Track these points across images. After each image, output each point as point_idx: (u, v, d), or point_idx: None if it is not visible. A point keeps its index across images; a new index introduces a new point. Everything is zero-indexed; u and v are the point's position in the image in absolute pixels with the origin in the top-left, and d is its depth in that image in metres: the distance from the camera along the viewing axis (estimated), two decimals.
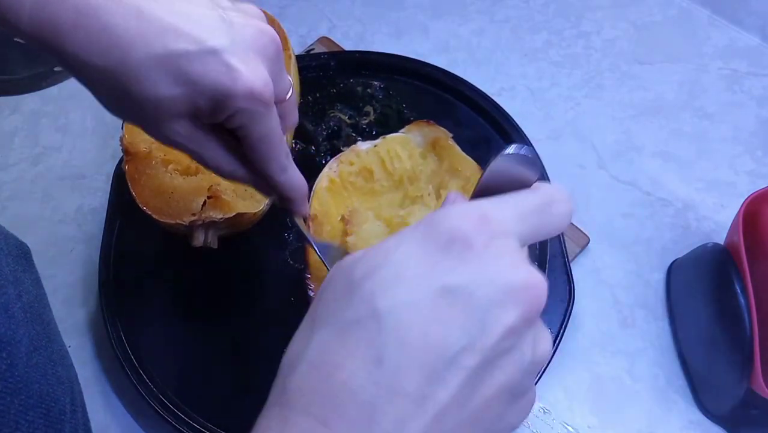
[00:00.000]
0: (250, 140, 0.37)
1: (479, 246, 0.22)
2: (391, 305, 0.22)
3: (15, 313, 0.40)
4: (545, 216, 0.26)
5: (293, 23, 0.82)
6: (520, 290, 0.22)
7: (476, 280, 0.22)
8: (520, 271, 0.23)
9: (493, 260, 0.22)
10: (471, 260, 0.22)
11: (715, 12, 0.81)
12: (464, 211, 0.23)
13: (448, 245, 0.23)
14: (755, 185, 0.66)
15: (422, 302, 0.22)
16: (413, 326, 0.21)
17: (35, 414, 0.39)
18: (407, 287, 0.22)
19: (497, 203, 0.25)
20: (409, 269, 0.22)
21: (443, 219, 0.23)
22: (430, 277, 0.22)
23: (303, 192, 0.43)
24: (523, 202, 0.25)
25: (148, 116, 0.35)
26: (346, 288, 0.23)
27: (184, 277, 0.60)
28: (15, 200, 0.70)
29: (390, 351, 0.21)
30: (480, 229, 0.23)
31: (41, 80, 0.78)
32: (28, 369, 0.39)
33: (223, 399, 0.54)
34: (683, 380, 0.57)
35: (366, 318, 0.22)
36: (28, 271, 0.46)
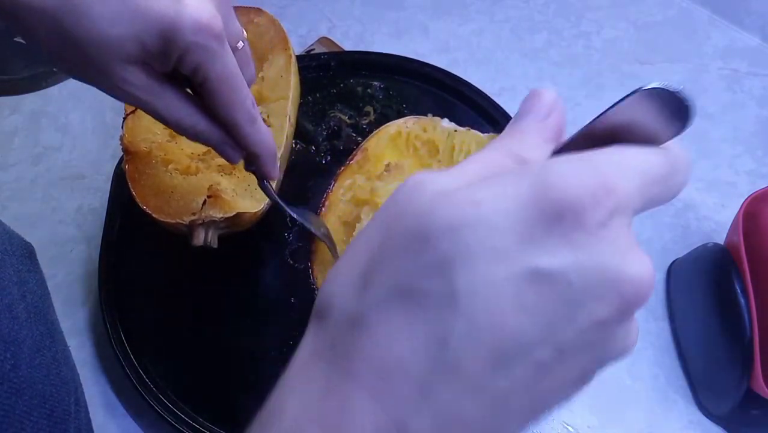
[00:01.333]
0: (209, 83, 0.35)
1: (593, 225, 0.18)
2: (471, 285, 0.18)
3: (19, 313, 0.40)
4: (665, 188, 0.22)
5: (293, 23, 0.82)
6: (625, 283, 0.19)
7: (577, 268, 0.18)
8: (632, 260, 0.19)
9: (604, 244, 0.19)
10: (578, 241, 0.18)
11: (715, 12, 0.81)
12: (585, 177, 0.19)
13: (556, 218, 0.18)
14: (755, 185, 0.66)
15: (508, 285, 0.18)
16: (491, 311, 0.18)
17: (39, 414, 0.39)
18: (494, 262, 0.18)
19: (623, 168, 0.20)
20: (502, 238, 0.18)
21: (558, 182, 0.19)
22: (525, 256, 0.18)
23: (272, 150, 0.41)
24: (652, 168, 0.21)
25: (94, 64, 0.33)
26: (421, 241, 0.19)
27: (184, 276, 0.60)
28: (15, 200, 0.70)
29: (459, 334, 0.18)
30: (599, 204, 0.18)
31: (41, 80, 0.78)
32: (32, 370, 0.39)
33: (223, 399, 0.54)
34: (683, 380, 0.57)
35: (439, 293, 0.19)
36: (33, 271, 0.46)
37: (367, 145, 0.57)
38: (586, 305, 0.19)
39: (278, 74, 0.60)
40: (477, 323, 0.18)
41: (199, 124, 0.38)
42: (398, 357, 0.19)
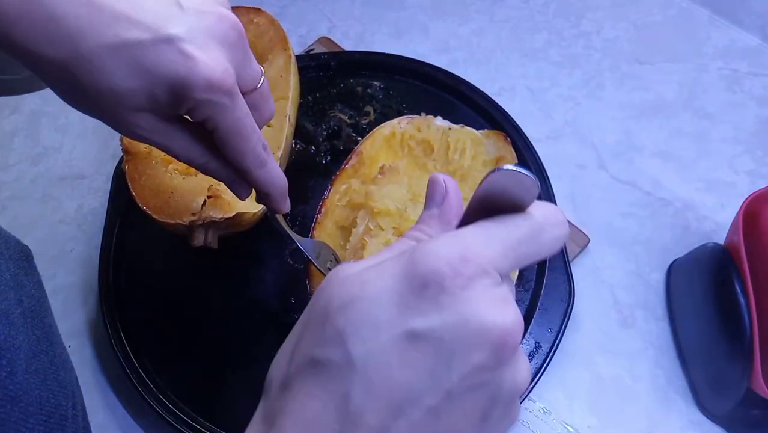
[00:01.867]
0: (219, 133, 0.35)
1: (454, 289, 0.22)
2: (361, 348, 0.23)
3: (15, 319, 0.40)
4: (535, 245, 0.25)
5: (293, 23, 0.82)
6: (489, 331, 0.22)
7: (445, 325, 0.22)
8: (493, 311, 0.22)
9: (465, 303, 0.22)
10: (443, 303, 0.22)
11: (715, 12, 0.81)
12: (446, 251, 0.23)
13: (423, 288, 0.23)
14: (755, 185, 0.66)
15: (391, 346, 0.22)
16: (380, 370, 0.22)
17: (36, 421, 0.39)
18: (378, 329, 0.23)
19: (484, 237, 0.24)
20: (382, 309, 0.23)
21: (422, 258, 0.23)
22: (402, 320, 0.22)
23: (282, 188, 0.41)
24: (513, 233, 0.25)
25: (106, 109, 0.34)
26: (323, 316, 0.24)
27: (184, 277, 0.60)
28: (15, 200, 0.70)
29: (357, 391, 0.22)
30: (458, 271, 0.22)
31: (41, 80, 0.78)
32: (28, 376, 0.39)
33: (223, 399, 0.54)
34: (683, 380, 0.57)
35: (339, 360, 0.23)
36: (29, 274, 0.46)
37: (362, 148, 0.57)
38: (459, 353, 0.22)
39: (278, 74, 0.60)
40: (370, 380, 0.22)
41: (209, 163, 0.38)
42: (315, 413, 0.23)
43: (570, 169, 0.69)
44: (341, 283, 0.24)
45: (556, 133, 0.72)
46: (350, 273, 0.25)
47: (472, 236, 0.24)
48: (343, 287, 0.24)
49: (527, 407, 0.56)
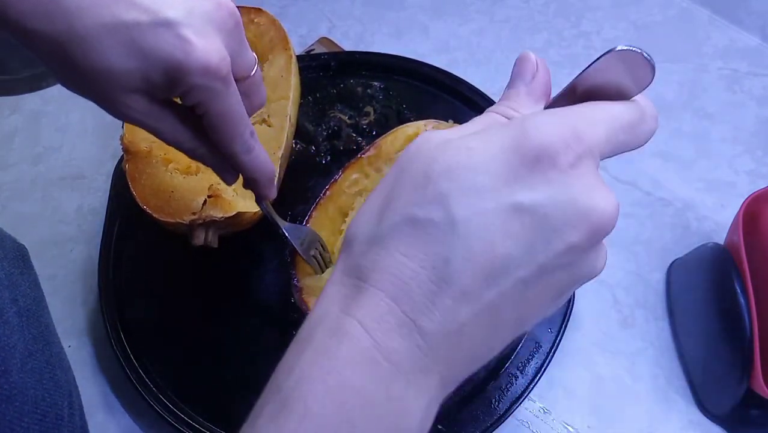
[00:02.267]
0: (209, 118, 0.36)
1: (565, 166, 0.22)
2: (465, 214, 0.22)
3: (9, 318, 0.40)
4: (632, 135, 0.25)
5: (293, 23, 0.82)
6: (593, 213, 0.23)
7: (553, 201, 0.22)
8: (598, 194, 0.23)
9: (575, 181, 0.23)
10: (553, 179, 0.22)
11: (715, 12, 0.81)
12: (557, 126, 0.23)
13: (534, 161, 0.22)
14: (755, 185, 0.66)
15: (496, 216, 0.22)
16: (483, 237, 0.22)
17: (31, 420, 0.39)
18: (484, 197, 0.23)
19: (591, 119, 0.24)
20: (490, 178, 0.23)
21: (535, 131, 0.23)
22: (509, 191, 0.22)
23: (269, 174, 0.42)
24: (618, 119, 0.25)
25: (99, 89, 0.34)
26: (425, 179, 0.23)
27: (184, 276, 0.60)
28: (15, 200, 0.70)
29: (457, 255, 0.22)
30: (570, 148, 0.23)
31: (41, 80, 0.78)
32: (24, 375, 0.39)
33: (223, 399, 0.54)
34: (683, 380, 0.57)
35: (441, 221, 0.23)
36: (25, 273, 0.46)
37: (382, 143, 0.56)
38: (560, 231, 0.22)
39: (278, 74, 0.60)
40: (471, 246, 0.22)
41: (198, 149, 0.39)
42: (412, 270, 0.23)
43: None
44: (443, 147, 0.24)
45: None
46: (451, 138, 0.24)
47: (580, 115, 0.24)
48: (446, 152, 0.24)
49: (527, 407, 0.56)
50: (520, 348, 0.55)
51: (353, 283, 0.24)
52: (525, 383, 0.53)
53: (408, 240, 0.23)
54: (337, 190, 0.56)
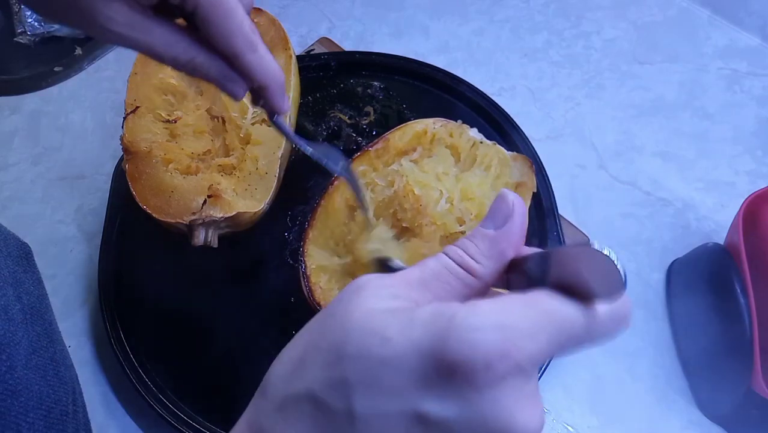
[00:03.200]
0: (201, 10, 0.32)
1: (482, 386, 0.20)
2: (365, 412, 0.21)
3: (14, 315, 0.40)
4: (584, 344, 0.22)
5: (293, 23, 0.82)
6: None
7: (461, 417, 0.20)
8: (519, 413, 0.21)
9: (491, 403, 0.20)
10: (466, 397, 0.20)
11: (715, 12, 0.81)
12: (483, 341, 0.20)
13: (449, 373, 0.20)
14: (755, 185, 0.66)
15: (397, 421, 0.21)
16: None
17: (36, 415, 0.39)
18: (389, 399, 0.21)
19: (532, 328, 0.21)
20: (398, 379, 0.21)
21: (457, 342, 0.20)
22: (416, 398, 0.21)
23: (280, 78, 0.37)
24: (566, 330, 0.21)
25: (77, 3, 0.31)
26: (336, 357, 0.22)
27: (184, 276, 0.60)
28: (15, 200, 0.70)
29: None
30: (491, 368, 0.20)
31: (41, 80, 0.78)
32: (29, 371, 0.39)
33: (222, 399, 0.54)
34: (683, 380, 0.57)
35: (340, 412, 0.22)
36: (29, 271, 0.46)
37: (390, 137, 0.56)
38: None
39: None
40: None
41: (197, 57, 0.35)
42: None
43: (570, 169, 0.69)
44: (364, 321, 0.22)
45: (556, 133, 0.72)
46: (376, 308, 0.23)
47: (519, 322, 0.21)
48: (363, 333, 0.22)
49: None
50: None
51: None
52: None
53: (306, 420, 0.22)
54: (343, 182, 0.56)
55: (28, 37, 0.80)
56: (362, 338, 0.22)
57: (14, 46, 0.80)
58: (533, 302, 0.22)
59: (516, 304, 0.21)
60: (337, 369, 0.22)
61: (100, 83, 0.77)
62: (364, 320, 0.22)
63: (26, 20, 0.80)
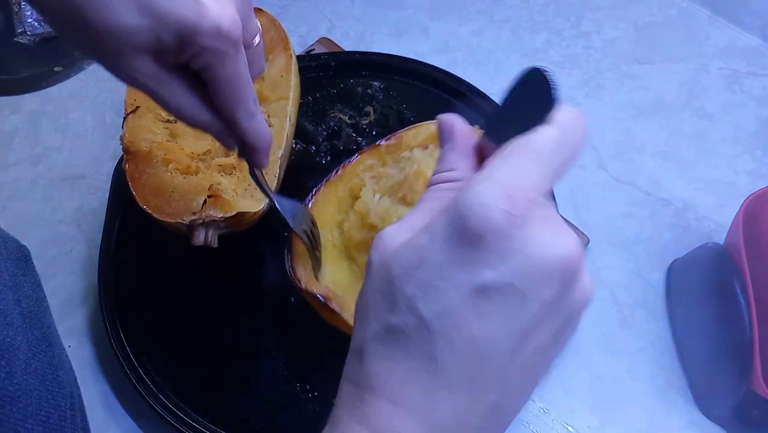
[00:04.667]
0: (217, 82, 0.36)
1: (511, 231, 0.22)
2: (434, 311, 0.23)
3: (13, 319, 0.40)
4: (565, 150, 0.25)
5: (293, 23, 0.82)
6: (555, 263, 0.23)
7: (512, 270, 0.22)
8: (555, 241, 0.23)
9: (527, 242, 0.22)
10: (505, 249, 0.22)
11: (715, 12, 0.81)
12: (487, 196, 0.22)
13: (479, 240, 0.22)
14: (755, 185, 0.66)
15: (463, 304, 0.23)
16: (458, 327, 0.23)
17: (34, 421, 0.39)
18: (446, 291, 0.23)
19: (516, 167, 0.24)
20: (445, 270, 0.23)
21: (469, 211, 0.22)
22: (467, 277, 0.23)
23: (268, 142, 0.41)
24: (542, 150, 0.24)
25: (108, 49, 0.33)
26: (388, 286, 0.25)
27: (184, 276, 0.60)
28: (15, 200, 0.70)
29: (439, 350, 0.23)
30: (509, 212, 0.22)
31: (41, 80, 0.78)
32: (27, 376, 0.39)
33: (223, 399, 0.54)
34: (683, 380, 0.57)
35: (414, 325, 0.23)
36: (28, 274, 0.46)
37: (404, 135, 0.56)
38: (530, 293, 0.23)
39: (279, 74, 0.60)
40: (450, 338, 0.23)
41: (201, 116, 0.38)
42: (404, 374, 0.24)
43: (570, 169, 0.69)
44: (395, 253, 0.25)
45: None
46: (400, 241, 0.25)
47: (506, 170, 0.24)
48: (399, 257, 0.24)
49: (527, 407, 0.56)
50: None
51: (357, 392, 0.25)
52: None
53: (393, 347, 0.24)
54: (350, 172, 0.55)
55: (28, 37, 0.80)
56: (403, 259, 0.24)
57: (14, 46, 0.80)
58: (506, 152, 0.24)
59: (495, 161, 0.24)
60: (395, 294, 0.24)
61: (100, 83, 0.77)
62: (398, 247, 0.25)
63: (26, 20, 0.80)
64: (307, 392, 0.54)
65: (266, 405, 0.53)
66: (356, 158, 0.56)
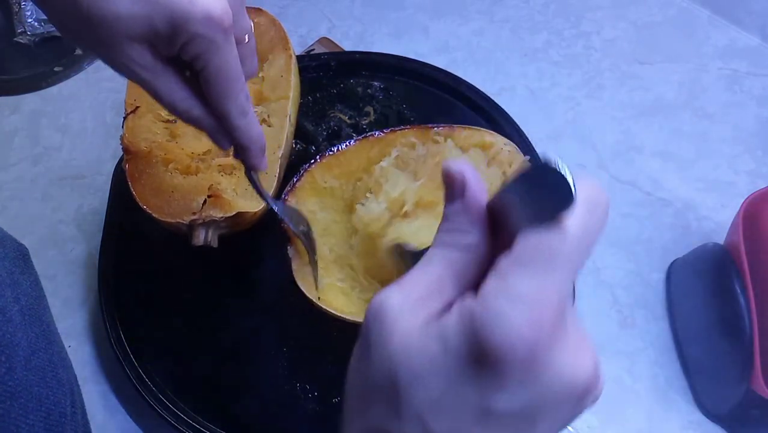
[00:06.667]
0: (207, 72, 0.36)
1: (533, 361, 0.21)
2: (444, 429, 0.22)
3: (13, 316, 0.40)
4: (585, 250, 0.23)
5: (293, 23, 0.82)
6: (576, 388, 0.21)
7: (529, 398, 0.21)
8: (575, 367, 0.21)
9: (547, 369, 0.21)
10: (524, 377, 0.21)
11: (715, 12, 0.81)
12: (512, 322, 0.20)
13: (498, 365, 0.21)
14: (755, 185, 0.66)
15: (474, 425, 0.22)
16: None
17: (36, 417, 0.39)
18: (458, 410, 0.22)
19: (537, 280, 0.21)
20: (458, 389, 0.22)
21: (489, 335, 0.20)
22: (481, 399, 0.21)
23: (261, 143, 0.42)
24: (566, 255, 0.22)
25: (104, 38, 0.34)
26: (393, 390, 0.22)
27: (184, 276, 0.60)
28: (15, 200, 0.70)
29: None
30: (533, 342, 0.20)
31: (41, 80, 0.78)
32: (27, 372, 0.39)
33: (223, 399, 0.54)
34: (683, 380, 0.57)
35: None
36: (26, 273, 0.46)
37: (458, 131, 0.55)
38: (544, 416, 0.22)
39: (278, 74, 0.60)
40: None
41: (193, 110, 0.39)
42: None
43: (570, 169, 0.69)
44: (405, 345, 0.22)
45: (556, 133, 0.72)
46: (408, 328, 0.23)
47: (529, 284, 0.21)
48: (407, 357, 0.22)
49: None
50: None
51: None
52: None
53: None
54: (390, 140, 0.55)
55: (28, 37, 0.80)
56: (410, 364, 0.22)
57: (14, 46, 0.80)
58: (523, 258, 0.22)
59: (512, 268, 0.22)
60: (399, 402, 0.22)
61: (100, 83, 0.77)
62: (405, 345, 0.23)
63: (26, 20, 0.80)
64: (307, 392, 0.54)
65: (266, 405, 0.53)
66: (399, 130, 0.55)
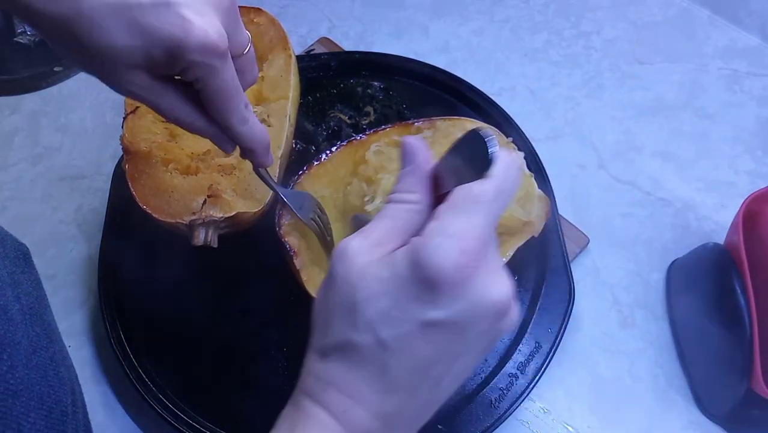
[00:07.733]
0: (207, 93, 0.37)
1: (461, 282, 0.28)
2: (390, 335, 0.28)
3: (14, 315, 0.40)
4: (504, 195, 0.30)
5: (293, 23, 0.82)
6: (492, 305, 0.28)
7: (458, 312, 0.28)
8: (492, 291, 0.28)
9: (472, 290, 0.28)
10: (454, 295, 0.28)
11: (715, 12, 0.81)
12: (443, 251, 0.27)
13: (434, 285, 0.28)
14: (755, 185, 0.66)
15: (414, 332, 0.28)
16: (409, 349, 0.29)
17: (37, 415, 0.39)
18: (402, 320, 0.28)
19: (465, 217, 0.28)
20: (403, 304, 0.28)
21: (428, 262, 0.28)
22: (419, 312, 0.28)
23: (265, 143, 0.43)
24: (485, 198, 0.29)
25: (104, 67, 0.35)
26: (351, 306, 0.29)
27: (184, 276, 0.60)
28: (15, 200, 0.70)
29: (391, 364, 0.29)
30: (460, 266, 0.27)
31: (41, 80, 0.78)
32: (29, 371, 0.39)
33: (222, 399, 0.54)
34: (683, 380, 0.57)
35: (372, 343, 0.29)
36: (27, 272, 0.46)
37: (439, 123, 0.56)
38: (469, 327, 0.29)
39: (278, 74, 0.60)
40: (401, 357, 0.29)
41: (196, 122, 0.40)
42: (359, 381, 0.30)
43: (570, 169, 0.69)
44: (360, 275, 0.29)
45: (556, 133, 0.72)
46: (362, 260, 0.30)
47: (458, 224, 0.28)
48: (363, 282, 0.29)
49: (527, 407, 0.56)
50: (521, 348, 0.55)
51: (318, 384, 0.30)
52: (525, 383, 0.53)
53: (352, 356, 0.29)
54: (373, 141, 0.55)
55: (28, 37, 0.80)
56: (366, 285, 0.29)
57: (14, 46, 0.80)
58: (456, 203, 0.29)
59: (448, 213, 0.29)
60: (358, 315, 0.29)
61: (100, 83, 0.77)
62: (362, 273, 0.29)
63: None
64: None
65: (266, 405, 0.53)
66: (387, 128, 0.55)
